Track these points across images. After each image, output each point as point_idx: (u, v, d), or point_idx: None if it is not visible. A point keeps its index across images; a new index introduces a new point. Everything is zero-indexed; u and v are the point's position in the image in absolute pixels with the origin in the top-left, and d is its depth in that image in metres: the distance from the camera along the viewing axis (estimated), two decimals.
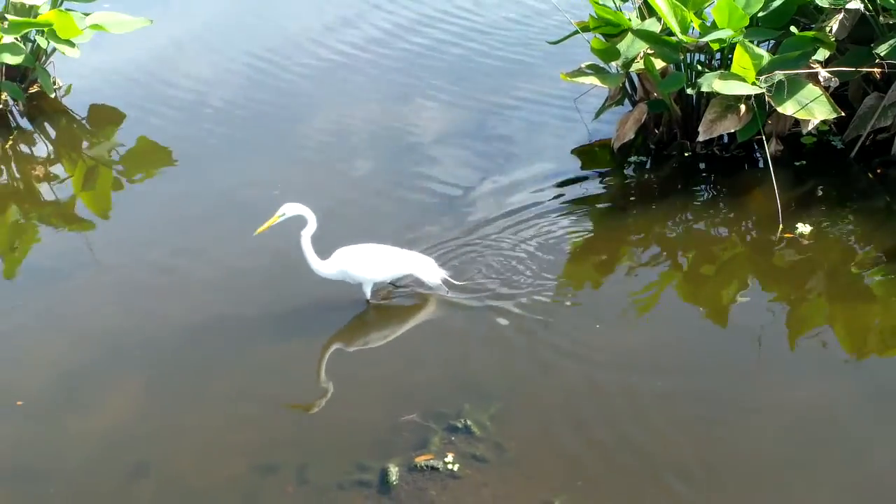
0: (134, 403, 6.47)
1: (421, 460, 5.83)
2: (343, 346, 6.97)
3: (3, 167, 9.71)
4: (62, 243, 8.41)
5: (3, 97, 10.08)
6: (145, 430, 6.25)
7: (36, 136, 10.17)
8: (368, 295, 7.13)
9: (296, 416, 6.29)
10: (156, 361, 6.79)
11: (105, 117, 10.38)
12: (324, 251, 7.06)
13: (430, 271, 7.19)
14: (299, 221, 6.92)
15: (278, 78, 10.99)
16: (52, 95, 10.13)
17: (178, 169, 9.40)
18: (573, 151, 9.28)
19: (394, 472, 5.76)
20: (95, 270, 7.89)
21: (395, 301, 7.32)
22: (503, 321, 6.99)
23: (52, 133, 10.18)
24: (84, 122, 10.32)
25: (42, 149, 10.00)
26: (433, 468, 5.79)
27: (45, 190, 9.29)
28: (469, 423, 6.08)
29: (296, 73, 11.09)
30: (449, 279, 7.23)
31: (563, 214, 8.30)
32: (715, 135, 8.37)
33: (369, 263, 7.01)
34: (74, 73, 10.72)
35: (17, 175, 9.62)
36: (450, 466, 5.79)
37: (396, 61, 11.32)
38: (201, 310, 7.28)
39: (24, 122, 10.27)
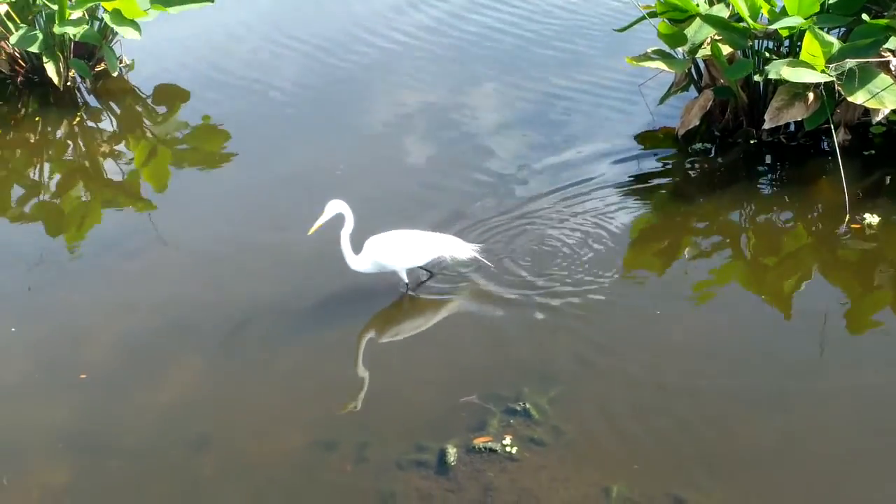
0: (196, 378, 6.52)
1: (479, 442, 5.82)
2: (400, 328, 6.97)
3: (69, 143, 9.83)
4: (125, 220, 8.50)
5: (71, 74, 10.20)
6: (208, 404, 6.30)
7: (102, 113, 10.29)
8: (406, 279, 7.08)
9: (356, 395, 6.29)
10: (218, 337, 6.83)
11: (169, 96, 10.48)
12: (378, 231, 7.08)
13: (460, 249, 7.12)
14: (339, 219, 6.88)
15: (336, 63, 11.04)
16: (115, 73, 10.21)
17: (239, 148, 9.46)
18: (636, 138, 9.22)
19: (452, 453, 5.75)
20: (158, 248, 7.96)
21: (457, 284, 7.30)
22: (563, 306, 6.96)
23: (118, 111, 10.29)
24: (149, 100, 10.41)
25: (107, 126, 10.12)
26: (491, 450, 5.77)
27: (109, 167, 9.39)
28: (528, 406, 6.05)
29: (353, 59, 11.12)
30: (479, 256, 7.17)
31: (626, 200, 8.25)
32: (781, 123, 8.26)
33: (400, 250, 6.94)
34: (142, 52, 10.81)
35: (83, 151, 9.73)
36: (508, 449, 5.78)
37: (450, 49, 11.32)
38: (263, 288, 7.32)
39: (91, 100, 10.40)
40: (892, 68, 7.97)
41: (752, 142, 8.87)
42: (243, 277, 7.50)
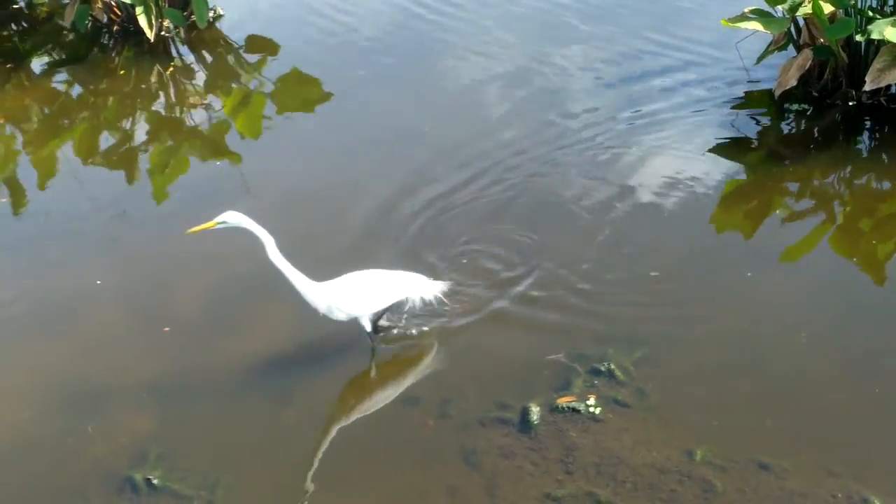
0: (279, 329, 6.56)
1: (563, 401, 5.79)
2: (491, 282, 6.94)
3: (161, 93, 9.93)
4: (214, 171, 8.56)
5: (165, 24, 10.27)
6: (290, 356, 6.35)
7: (194, 63, 10.36)
8: (369, 328, 6.25)
9: (440, 351, 6.29)
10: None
11: (260, 47, 10.50)
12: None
13: (423, 289, 6.30)
14: (249, 237, 6.07)
15: (427, 14, 10.93)
16: (203, 26, 10.24)
17: (329, 101, 9.44)
18: (732, 97, 9.02)
19: (535, 411, 5.73)
20: (246, 199, 7.99)
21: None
22: (649, 266, 6.86)
23: (210, 60, 10.35)
24: (240, 50, 10.45)
25: (199, 76, 10.19)
26: (574, 410, 5.74)
27: (199, 117, 9.46)
28: (612, 367, 6.00)
29: (445, 11, 11.00)
30: (441, 297, 6.36)
31: (718, 160, 8.11)
32: (882, 84, 8.02)
33: (356, 297, 6.09)
34: (233, 2, 10.84)
35: (174, 101, 9.82)
36: (591, 409, 5.74)
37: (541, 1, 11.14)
38: (349, 240, 7.33)
39: (185, 51, 10.47)
40: None
41: (850, 104, 8.62)
42: (328, 229, 7.51)
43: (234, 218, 5.93)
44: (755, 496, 5.24)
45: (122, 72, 10.05)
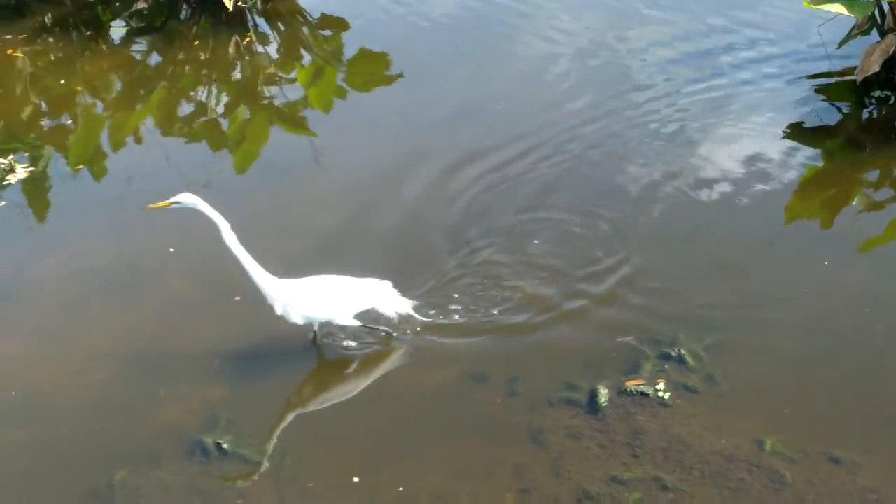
0: None
1: (631, 385, 5.76)
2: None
3: (237, 63, 9.99)
4: (286, 142, 8.61)
5: None
6: (366, 331, 6.33)
7: (270, 35, 10.40)
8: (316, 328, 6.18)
9: (511, 330, 6.28)
10: (367, 261, 6.87)
11: (335, 21, 10.50)
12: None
13: (391, 302, 6.17)
14: (206, 220, 5.97)
15: None
16: None
17: (398, 79, 9.41)
18: (812, 82, 8.87)
19: (603, 393, 5.70)
20: (314, 171, 8.04)
21: None
22: (723, 252, 6.80)
23: (285, 33, 10.38)
24: (315, 24, 10.47)
25: (274, 48, 10.23)
26: (643, 394, 5.70)
27: (273, 89, 9.51)
28: (683, 352, 5.95)
29: None
30: (414, 313, 6.23)
31: (795, 146, 7.98)
32: None
33: (315, 301, 5.99)
34: None
35: (250, 72, 9.87)
36: (660, 394, 5.70)
37: None
38: (419, 213, 7.35)
39: (261, 22, 10.51)
40: None
41: None
42: (398, 202, 7.53)
43: (188, 199, 5.88)
44: (825, 489, 5.18)
45: (196, 42, 10.12)
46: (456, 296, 6.48)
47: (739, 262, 6.71)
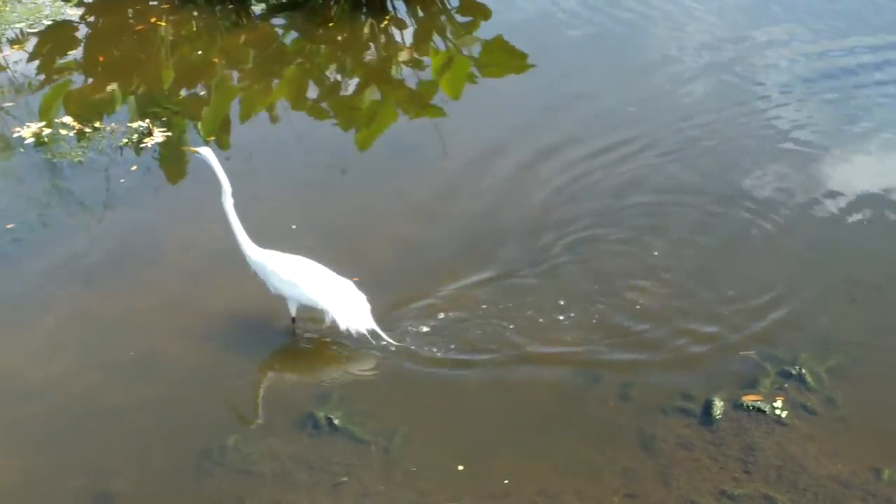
0: (469, 287, 6.58)
1: (748, 400, 5.65)
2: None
3: (372, 45, 10.07)
4: (414, 126, 8.65)
5: None
6: (479, 317, 6.35)
7: (407, 20, 10.45)
8: (293, 313, 6.28)
9: (627, 335, 6.21)
10: (494, 252, 6.89)
11: (473, 9, 10.51)
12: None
13: (349, 315, 6.12)
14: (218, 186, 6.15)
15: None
16: None
17: (530, 70, 9.37)
18: None
19: (718, 406, 5.61)
20: (443, 157, 8.05)
21: None
22: (858, 272, 6.60)
23: (423, 18, 10.42)
24: (454, 11, 10.49)
25: (411, 32, 10.28)
26: (759, 410, 5.59)
27: (407, 72, 9.56)
28: (804, 371, 5.82)
29: None
30: (377, 331, 6.11)
31: None
32: None
33: (280, 276, 6.15)
34: None
35: (385, 55, 9.95)
36: (777, 412, 5.58)
37: None
38: (541, 205, 7.35)
39: (400, 5, 10.56)
40: None
41: None
42: (526, 194, 7.53)
43: (205, 154, 6.19)
44: None
45: (334, 22, 10.22)
46: (590, 295, 6.47)
47: (872, 283, 6.52)
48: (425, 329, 6.21)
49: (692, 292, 6.53)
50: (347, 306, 6.10)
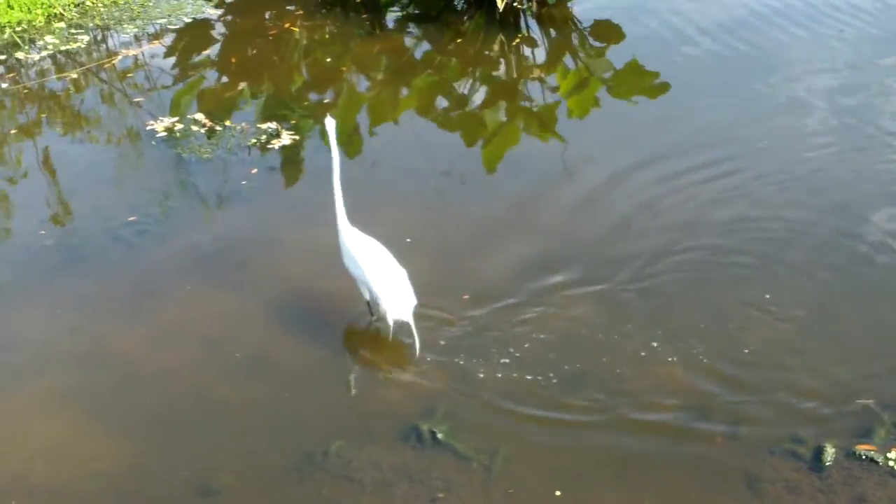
0: (577, 311, 6.52)
1: (862, 449, 5.47)
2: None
3: (502, 62, 10.10)
4: (538, 146, 8.63)
5: None
6: (584, 341, 6.30)
7: (539, 39, 10.46)
8: (365, 297, 6.38)
9: (737, 373, 6.07)
10: (607, 275, 6.82)
11: (605, 32, 10.49)
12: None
13: (394, 303, 6.18)
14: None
15: (769, 20, 10.57)
16: (569, 6, 10.35)
17: (664, 95, 9.30)
18: None
19: (830, 452, 5.45)
20: (561, 178, 8.01)
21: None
22: None
23: (555, 38, 10.42)
24: (586, 33, 10.46)
25: (541, 51, 10.29)
26: (873, 460, 5.42)
27: (535, 91, 9.55)
28: None
29: (786, 16, 10.64)
30: (411, 328, 6.20)
31: None
32: None
33: (353, 255, 6.26)
34: None
35: (514, 72, 9.96)
36: (892, 464, 5.39)
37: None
38: (662, 234, 7.25)
39: (533, 25, 10.58)
40: None
41: None
42: (632, 218, 7.44)
43: (328, 123, 6.20)
44: None
45: (466, 36, 10.28)
46: (702, 325, 6.37)
47: None
48: (530, 351, 6.18)
49: (809, 331, 6.36)
50: (395, 294, 6.16)
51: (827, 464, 5.40)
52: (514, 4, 10.35)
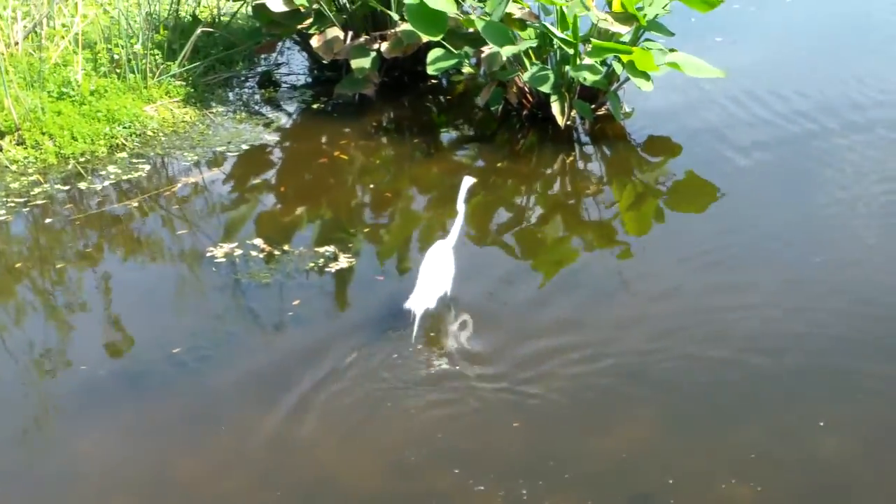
0: (645, 432, 6.44)
1: None
2: None
3: (558, 179, 10.13)
4: (597, 263, 8.59)
5: (573, 115, 10.48)
6: (653, 462, 6.17)
7: (594, 155, 10.50)
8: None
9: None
10: (674, 393, 6.76)
11: (660, 148, 10.49)
12: None
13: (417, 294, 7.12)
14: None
15: (832, 133, 10.49)
16: (620, 121, 10.43)
17: (721, 207, 9.29)
18: None
19: None
20: (621, 297, 7.96)
21: None
22: None
23: (609, 154, 10.44)
24: (640, 149, 10.47)
25: (597, 168, 10.33)
26: None
27: (591, 208, 9.55)
28: None
29: (855, 127, 10.58)
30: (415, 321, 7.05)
31: None
32: None
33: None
34: (640, 102, 10.88)
35: (570, 189, 9.97)
36: None
37: None
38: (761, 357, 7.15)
39: (586, 140, 10.63)
40: None
41: None
42: (726, 344, 7.30)
43: (466, 181, 7.55)
44: None
45: (521, 154, 10.33)
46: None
47: None
48: None
49: None
50: (420, 287, 7.04)
51: None
52: (568, 122, 10.40)
